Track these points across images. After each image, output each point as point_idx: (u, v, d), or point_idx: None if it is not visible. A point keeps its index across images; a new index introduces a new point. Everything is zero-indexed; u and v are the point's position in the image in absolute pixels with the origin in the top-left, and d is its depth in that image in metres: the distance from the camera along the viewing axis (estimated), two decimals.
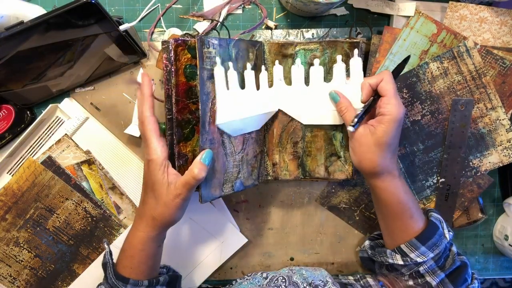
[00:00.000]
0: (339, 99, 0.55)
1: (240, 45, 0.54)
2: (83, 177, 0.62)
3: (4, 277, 0.62)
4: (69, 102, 0.62)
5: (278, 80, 0.58)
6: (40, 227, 0.62)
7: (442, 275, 0.53)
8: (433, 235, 0.52)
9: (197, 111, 0.54)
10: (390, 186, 0.53)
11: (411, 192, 0.55)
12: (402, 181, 0.54)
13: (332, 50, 0.57)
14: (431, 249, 0.52)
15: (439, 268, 0.53)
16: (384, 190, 0.54)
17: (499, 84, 0.60)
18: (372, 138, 0.51)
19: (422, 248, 0.52)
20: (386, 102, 0.51)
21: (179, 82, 0.52)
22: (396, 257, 0.55)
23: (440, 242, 0.53)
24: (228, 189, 0.55)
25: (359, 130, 0.53)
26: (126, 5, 0.61)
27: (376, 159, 0.52)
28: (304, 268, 0.62)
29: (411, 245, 0.53)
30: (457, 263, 0.53)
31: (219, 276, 0.68)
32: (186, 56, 0.52)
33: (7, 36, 0.48)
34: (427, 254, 0.52)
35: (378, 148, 0.51)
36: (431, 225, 0.53)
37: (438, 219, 0.55)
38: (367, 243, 0.63)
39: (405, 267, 0.54)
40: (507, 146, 0.61)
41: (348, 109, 0.54)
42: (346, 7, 0.63)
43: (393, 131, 0.50)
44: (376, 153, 0.52)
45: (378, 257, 0.59)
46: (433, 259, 0.53)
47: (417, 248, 0.53)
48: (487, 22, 0.60)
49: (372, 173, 0.54)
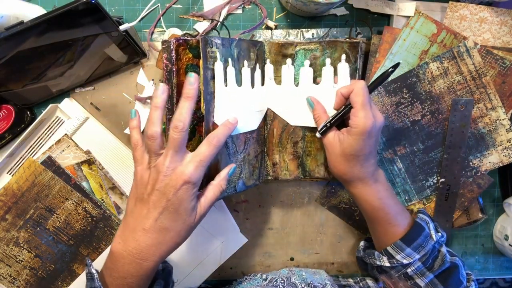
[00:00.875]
0: (314, 106, 0.56)
1: (242, 45, 0.54)
2: (83, 177, 0.62)
3: (4, 277, 0.62)
4: (69, 102, 0.62)
5: (269, 79, 0.58)
6: (40, 227, 0.62)
7: (430, 276, 0.53)
8: (418, 236, 0.52)
9: (198, 111, 0.54)
10: (363, 193, 0.53)
11: (391, 197, 0.54)
12: (379, 187, 0.53)
13: (332, 50, 0.57)
14: (416, 250, 0.52)
15: (427, 269, 0.53)
16: (358, 197, 0.54)
17: (499, 84, 0.60)
18: (340, 149, 0.52)
19: (408, 250, 0.52)
20: (354, 114, 0.50)
21: (180, 82, 0.52)
22: (383, 259, 0.55)
23: (426, 243, 0.52)
24: (231, 190, 0.55)
25: (329, 137, 0.53)
26: (126, 5, 0.61)
27: (342, 168, 0.52)
28: (304, 270, 0.62)
29: (396, 246, 0.53)
30: (446, 264, 0.53)
31: (219, 276, 0.68)
32: (188, 56, 0.52)
33: (7, 36, 0.48)
34: (413, 255, 0.52)
35: (344, 158, 0.52)
36: (416, 227, 0.53)
37: (424, 220, 0.55)
38: (362, 243, 0.63)
39: (393, 269, 0.54)
40: (507, 146, 0.61)
41: (321, 117, 0.54)
42: (346, 7, 0.63)
43: (360, 144, 0.50)
44: (343, 163, 0.52)
45: (367, 259, 0.59)
46: (420, 260, 0.53)
47: (403, 250, 0.52)
48: (487, 22, 0.60)
49: (343, 180, 0.54)
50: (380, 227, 0.55)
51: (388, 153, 0.63)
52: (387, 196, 0.54)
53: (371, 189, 0.53)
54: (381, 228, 0.55)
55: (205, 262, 0.65)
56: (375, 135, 0.50)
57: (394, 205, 0.54)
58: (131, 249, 0.43)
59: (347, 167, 0.52)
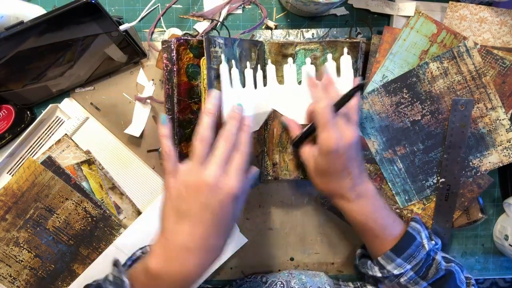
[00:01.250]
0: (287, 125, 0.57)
1: (244, 45, 0.54)
2: (83, 177, 0.62)
3: (4, 277, 0.62)
4: (69, 102, 0.62)
5: (271, 79, 0.58)
6: (40, 227, 0.62)
7: (424, 285, 0.52)
8: (408, 246, 0.51)
9: (198, 111, 0.54)
10: (345, 208, 0.53)
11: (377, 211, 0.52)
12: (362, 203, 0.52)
13: (332, 50, 0.57)
14: (407, 260, 0.51)
15: (421, 278, 0.52)
16: (341, 210, 0.54)
17: (499, 84, 0.60)
18: (313, 164, 0.52)
19: (398, 260, 0.52)
20: (318, 133, 0.49)
21: (181, 82, 0.52)
22: (375, 269, 0.54)
23: (417, 253, 0.52)
24: None
25: (304, 152, 0.53)
26: (126, 5, 0.61)
27: (319, 183, 0.52)
28: (304, 273, 0.62)
29: (387, 257, 0.52)
30: (441, 273, 0.52)
31: (219, 276, 0.67)
32: (188, 56, 0.51)
33: (7, 36, 0.48)
34: (404, 265, 0.51)
35: (318, 174, 0.52)
36: (407, 236, 0.52)
37: (416, 229, 0.54)
38: (359, 251, 0.62)
39: (386, 279, 0.54)
40: (507, 146, 0.61)
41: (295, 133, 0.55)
42: (346, 7, 0.63)
43: (328, 163, 0.49)
44: (319, 178, 0.52)
45: (361, 268, 0.59)
46: (413, 270, 0.52)
47: (393, 260, 0.52)
48: (487, 22, 0.60)
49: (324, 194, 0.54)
50: (367, 239, 0.55)
51: (388, 153, 0.63)
52: (373, 211, 0.52)
53: (353, 204, 0.52)
54: (369, 241, 0.55)
55: None
56: (345, 153, 0.48)
57: (381, 219, 0.53)
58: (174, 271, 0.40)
59: (323, 182, 0.52)
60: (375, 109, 0.62)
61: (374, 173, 0.64)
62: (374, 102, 0.61)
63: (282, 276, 0.60)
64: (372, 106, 0.61)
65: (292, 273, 0.61)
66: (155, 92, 0.62)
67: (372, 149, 0.63)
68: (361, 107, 0.61)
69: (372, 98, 0.61)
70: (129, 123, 0.62)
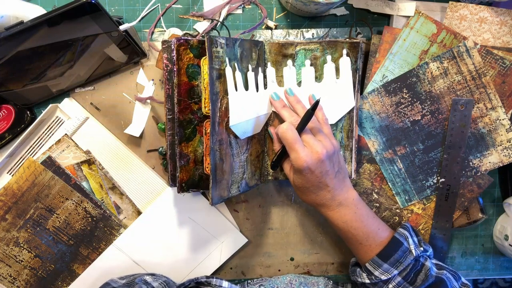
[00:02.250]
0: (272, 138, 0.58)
1: (245, 45, 0.54)
2: (83, 177, 0.62)
3: (4, 277, 0.62)
4: (69, 102, 0.62)
5: (271, 82, 0.58)
6: (40, 227, 0.62)
7: None
8: (394, 252, 0.52)
9: (198, 111, 0.54)
10: (328, 216, 0.55)
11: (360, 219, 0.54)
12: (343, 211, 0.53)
13: (332, 50, 0.57)
14: (394, 266, 0.52)
15: (409, 283, 0.52)
16: (324, 217, 0.55)
17: (499, 84, 0.60)
18: (291, 180, 0.54)
19: (385, 266, 0.52)
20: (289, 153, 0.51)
21: (181, 82, 0.52)
22: (363, 275, 0.55)
23: (404, 258, 0.52)
24: (235, 190, 0.55)
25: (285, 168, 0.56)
26: (126, 5, 0.61)
27: (300, 194, 0.55)
28: (304, 282, 0.62)
29: (374, 262, 0.53)
30: (430, 280, 0.52)
31: (219, 276, 0.67)
32: (188, 56, 0.51)
33: (7, 36, 0.48)
34: (391, 271, 0.52)
35: (296, 188, 0.54)
36: (394, 242, 0.53)
37: (403, 235, 0.54)
38: (353, 259, 0.63)
39: (375, 285, 0.54)
40: (507, 146, 0.61)
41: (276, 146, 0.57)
42: (346, 7, 0.63)
43: (302, 179, 0.51)
44: (297, 191, 0.55)
45: (351, 276, 0.59)
46: (400, 275, 0.53)
47: (380, 266, 0.53)
48: (487, 22, 0.60)
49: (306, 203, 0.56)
50: (352, 246, 0.56)
51: (388, 153, 0.63)
52: (354, 219, 0.53)
53: (334, 213, 0.54)
54: (354, 248, 0.56)
55: (205, 262, 0.65)
56: (316, 168, 0.49)
57: (363, 227, 0.54)
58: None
59: (304, 194, 0.54)
60: (375, 109, 0.62)
61: (374, 173, 0.64)
62: (374, 102, 0.61)
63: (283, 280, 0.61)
64: (372, 106, 0.61)
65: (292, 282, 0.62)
66: (155, 92, 0.62)
67: (372, 149, 0.63)
68: (361, 107, 0.61)
69: (372, 98, 0.61)
70: (129, 123, 0.62)
